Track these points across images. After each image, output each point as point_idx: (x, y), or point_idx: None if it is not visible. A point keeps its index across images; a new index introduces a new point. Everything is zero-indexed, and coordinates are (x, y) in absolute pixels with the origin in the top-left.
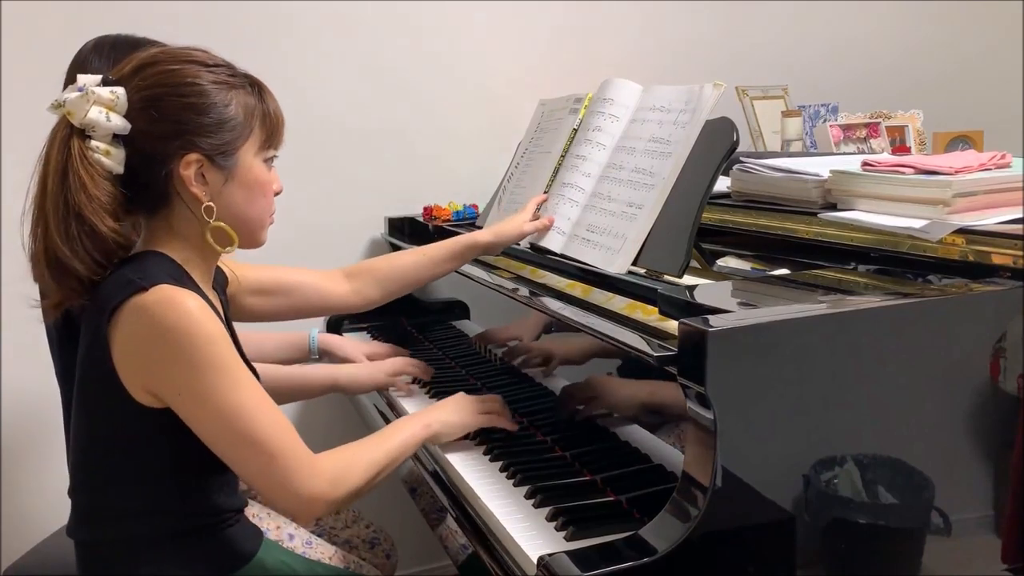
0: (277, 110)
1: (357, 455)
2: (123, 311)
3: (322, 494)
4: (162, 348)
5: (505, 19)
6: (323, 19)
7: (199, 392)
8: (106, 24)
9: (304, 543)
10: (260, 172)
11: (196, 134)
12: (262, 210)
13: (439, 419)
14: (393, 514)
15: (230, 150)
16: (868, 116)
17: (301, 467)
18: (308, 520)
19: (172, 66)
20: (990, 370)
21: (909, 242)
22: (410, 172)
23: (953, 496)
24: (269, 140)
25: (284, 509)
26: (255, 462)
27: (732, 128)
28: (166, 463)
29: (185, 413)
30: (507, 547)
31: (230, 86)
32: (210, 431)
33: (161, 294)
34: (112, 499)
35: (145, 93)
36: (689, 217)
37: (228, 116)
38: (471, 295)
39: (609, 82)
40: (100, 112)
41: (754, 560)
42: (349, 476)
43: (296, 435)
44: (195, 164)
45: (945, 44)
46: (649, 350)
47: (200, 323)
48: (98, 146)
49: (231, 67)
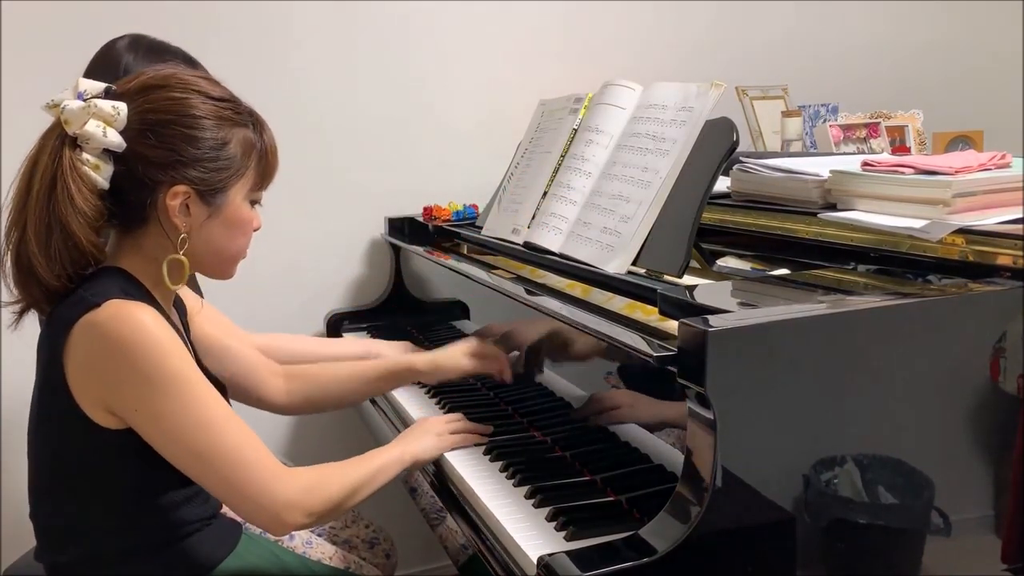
0: (275, 152)
1: (335, 471)
2: (75, 329)
3: (294, 501)
4: (116, 363)
5: (505, 19)
6: (323, 19)
7: (155, 407)
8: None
9: (304, 543)
10: (246, 211)
11: (189, 167)
12: (239, 248)
13: (410, 451)
14: (393, 514)
15: (221, 188)
16: (868, 116)
17: (271, 476)
18: (284, 530)
19: (179, 94)
20: (990, 370)
21: (909, 242)
22: (410, 172)
23: (953, 496)
24: (261, 181)
25: (256, 519)
26: (218, 475)
27: (732, 128)
28: (128, 483)
29: (143, 429)
30: (507, 547)
31: (233, 123)
32: (170, 447)
33: (112, 309)
34: (75, 521)
35: (148, 116)
36: (689, 217)
37: (226, 155)
38: (471, 295)
39: (609, 83)
40: (98, 126)
41: (754, 560)
42: (325, 486)
43: (262, 446)
44: (182, 196)
45: (945, 44)
46: (649, 350)
47: (153, 335)
48: (88, 159)
49: (236, 102)
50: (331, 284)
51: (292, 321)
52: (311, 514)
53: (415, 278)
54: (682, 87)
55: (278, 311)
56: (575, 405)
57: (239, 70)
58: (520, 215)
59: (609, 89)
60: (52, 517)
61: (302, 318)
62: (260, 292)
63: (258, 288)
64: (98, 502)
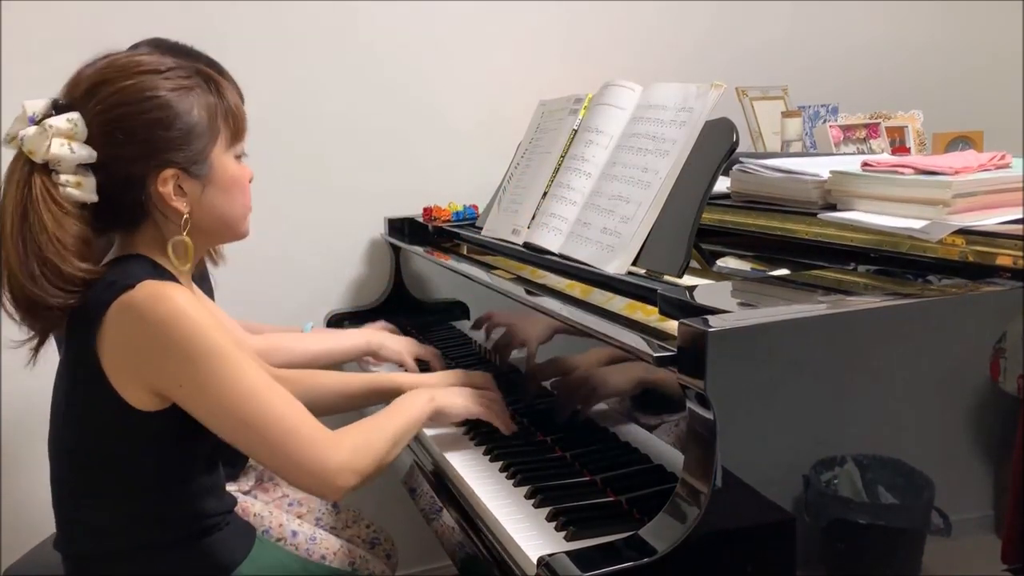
0: (237, 102)
1: (374, 426)
2: (110, 313)
3: (346, 463)
4: (157, 342)
5: (505, 19)
6: (323, 19)
7: (201, 380)
8: (105, 25)
9: (308, 539)
10: (234, 169)
11: (167, 150)
12: (243, 205)
13: (443, 395)
14: (393, 514)
15: (202, 157)
16: (868, 117)
17: (318, 440)
18: (337, 494)
19: (127, 81)
20: (990, 370)
21: (909, 242)
22: (410, 172)
23: (953, 496)
24: (235, 135)
25: (309, 486)
26: (269, 443)
27: (732, 128)
28: (150, 473)
29: (189, 404)
30: (507, 547)
31: (188, 89)
32: (218, 418)
33: (148, 289)
34: (97, 512)
35: (105, 116)
36: (689, 217)
37: (193, 123)
38: (471, 295)
39: (609, 84)
40: (62, 144)
41: (754, 560)
42: (371, 443)
43: (307, 412)
44: (172, 179)
45: (945, 44)
46: (649, 350)
47: (190, 312)
48: (68, 179)
49: (183, 66)
50: (331, 284)
51: (292, 321)
52: (362, 474)
53: (415, 278)
54: (682, 87)
55: (278, 311)
56: (575, 405)
57: (239, 70)
58: (520, 215)
59: (609, 89)
60: (77, 508)
61: (302, 318)
62: (260, 292)
63: (258, 288)
64: (124, 492)
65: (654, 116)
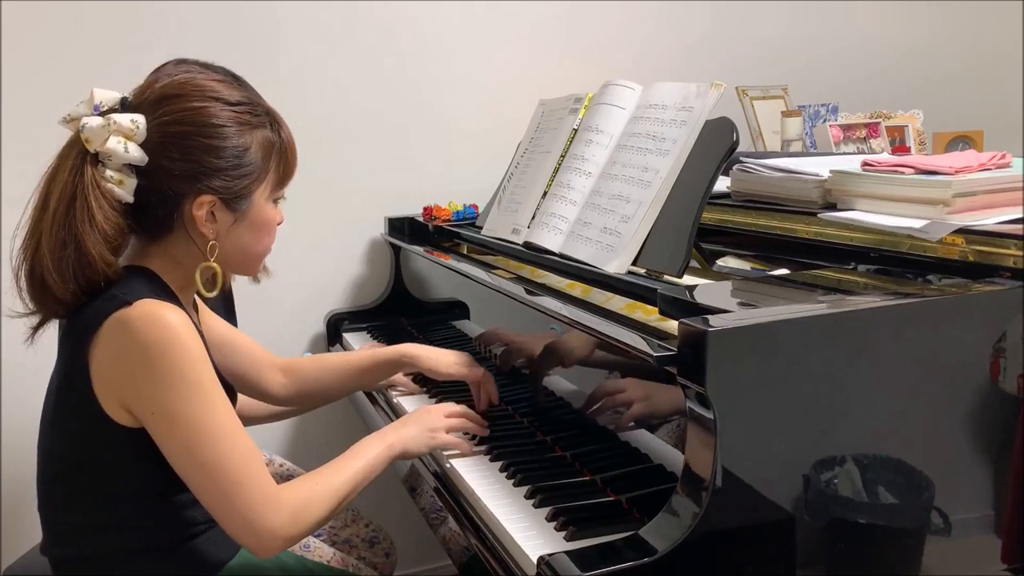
0: (294, 148)
1: (319, 484)
2: (105, 325)
3: (281, 529)
4: (141, 362)
5: (505, 19)
6: (323, 19)
7: (172, 411)
8: (106, 24)
9: (302, 547)
10: (269, 211)
11: (213, 177)
12: (266, 247)
13: (400, 437)
14: (393, 514)
15: (245, 193)
16: (868, 116)
17: (264, 500)
18: (264, 555)
19: (196, 102)
20: (990, 370)
21: (909, 242)
22: (410, 172)
23: (953, 496)
24: (282, 180)
25: (242, 541)
26: (216, 489)
27: (732, 128)
28: (138, 482)
29: (155, 431)
30: (507, 547)
31: (252, 126)
32: (177, 452)
33: (144, 308)
34: (82, 516)
35: (167, 129)
36: (689, 217)
37: (247, 160)
38: (471, 295)
39: (609, 83)
40: (119, 142)
41: (754, 560)
42: (311, 508)
43: (263, 466)
44: (208, 205)
45: (945, 44)
46: (649, 350)
47: (182, 339)
48: (112, 175)
49: (254, 104)
50: (331, 284)
51: (292, 321)
52: (292, 540)
53: (415, 278)
54: (682, 87)
55: (278, 311)
56: (575, 405)
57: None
58: (520, 215)
59: (609, 89)
60: (61, 512)
61: (302, 318)
62: (260, 292)
63: (258, 288)
64: (108, 499)
65: (654, 115)
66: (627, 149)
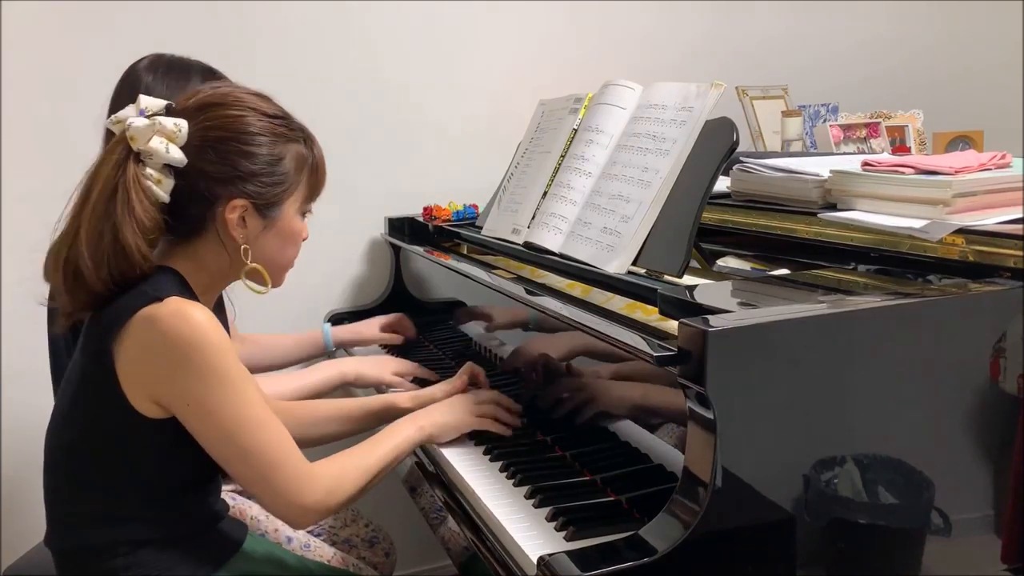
0: (324, 165)
1: (351, 463)
2: (134, 321)
3: (317, 503)
4: (173, 358)
5: (505, 19)
6: (323, 19)
7: (207, 403)
8: (105, 25)
9: (303, 546)
10: (298, 223)
11: (247, 181)
12: (290, 258)
13: (432, 421)
14: (393, 514)
15: (276, 202)
16: (868, 116)
17: (299, 478)
18: (303, 527)
19: (236, 112)
20: (990, 370)
21: (909, 242)
22: (410, 172)
23: (953, 496)
24: (312, 193)
25: (281, 516)
26: (255, 472)
27: (732, 128)
28: (152, 475)
29: (191, 423)
30: (507, 547)
31: (287, 139)
32: (214, 441)
33: (174, 306)
34: (92, 506)
35: (207, 133)
36: (689, 217)
37: (280, 170)
38: (471, 295)
39: (609, 83)
40: (161, 142)
41: (754, 560)
42: (343, 484)
43: (295, 447)
44: (240, 209)
45: (945, 44)
46: (649, 350)
47: (210, 335)
48: (151, 174)
49: (288, 119)
50: (331, 284)
51: (292, 321)
52: (328, 512)
53: (415, 278)
54: (682, 87)
55: (278, 310)
56: (575, 405)
57: (239, 70)
58: (520, 215)
59: (609, 89)
60: (70, 503)
61: (302, 318)
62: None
63: None
64: (120, 491)
65: (654, 115)
66: (627, 149)
